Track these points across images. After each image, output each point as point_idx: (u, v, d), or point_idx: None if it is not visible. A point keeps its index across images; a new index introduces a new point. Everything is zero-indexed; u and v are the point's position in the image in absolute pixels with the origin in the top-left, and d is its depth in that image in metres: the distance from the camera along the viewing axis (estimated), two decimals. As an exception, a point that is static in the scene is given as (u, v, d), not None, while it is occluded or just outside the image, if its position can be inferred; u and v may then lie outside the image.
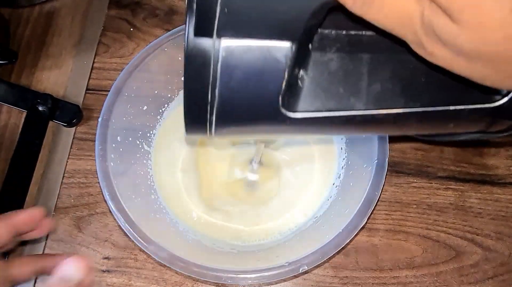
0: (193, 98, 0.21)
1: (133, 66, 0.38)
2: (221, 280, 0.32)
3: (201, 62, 0.20)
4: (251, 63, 0.19)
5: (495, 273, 0.40)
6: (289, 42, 0.19)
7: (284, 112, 0.21)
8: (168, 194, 0.40)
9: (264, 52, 0.19)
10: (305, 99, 0.22)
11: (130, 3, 0.51)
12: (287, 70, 0.20)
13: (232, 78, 0.20)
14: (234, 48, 0.19)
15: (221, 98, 0.20)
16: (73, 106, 0.44)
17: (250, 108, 0.21)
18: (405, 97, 0.23)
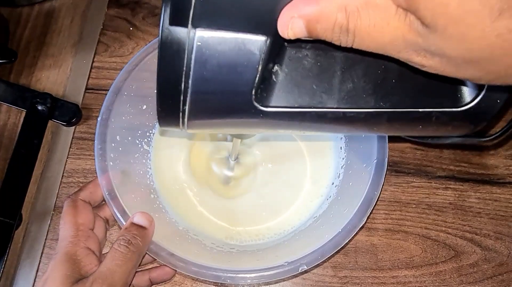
0: (166, 87, 0.21)
1: (133, 65, 0.38)
2: (220, 279, 0.32)
3: (175, 50, 0.19)
4: (225, 54, 0.19)
5: (494, 273, 0.40)
6: (264, 36, 0.19)
7: (257, 105, 0.21)
8: (168, 193, 0.40)
9: (239, 44, 0.19)
10: (279, 94, 0.22)
11: (130, 2, 0.51)
12: (260, 64, 0.20)
13: (206, 69, 0.20)
14: (208, 38, 0.19)
15: (194, 87, 0.20)
16: (73, 105, 0.44)
17: (223, 100, 0.21)
18: (376, 97, 0.23)
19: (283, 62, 0.21)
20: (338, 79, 0.22)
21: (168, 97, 0.21)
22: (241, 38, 0.19)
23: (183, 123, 0.23)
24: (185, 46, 0.19)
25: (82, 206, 0.34)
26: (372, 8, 0.17)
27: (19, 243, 0.40)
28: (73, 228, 0.32)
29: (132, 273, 0.31)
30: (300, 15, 0.18)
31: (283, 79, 0.22)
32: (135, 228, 0.32)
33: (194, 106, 0.21)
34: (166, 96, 0.21)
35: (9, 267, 0.39)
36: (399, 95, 0.23)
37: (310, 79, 0.22)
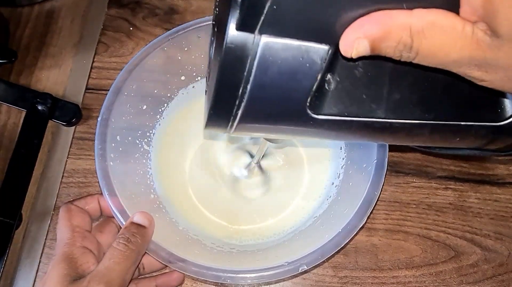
0: (223, 91, 0.21)
1: (133, 65, 0.38)
2: (220, 279, 0.32)
3: (238, 55, 0.19)
4: (287, 62, 0.20)
5: (494, 273, 0.40)
6: (327, 45, 0.20)
7: (309, 113, 0.22)
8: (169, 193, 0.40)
9: (302, 52, 0.19)
10: (330, 102, 0.22)
11: (130, 2, 0.51)
12: (320, 73, 0.20)
13: (266, 75, 0.20)
14: (273, 45, 0.19)
15: (251, 93, 0.20)
16: (73, 105, 0.44)
17: (277, 106, 0.21)
18: (421, 108, 0.23)
19: (336, 71, 0.21)
20: (387, 89, 0.23)
21: (223, 101, 0.21)
22: (304, 46, 0.19)
23: (231, 127, 0.23)
24: (249, 51, 0.19)
25: (76, 210, 0.34)
26: (438, 29, 0.18)
27: (19, 243, 0.40)
28: (68, 230, 0.32)
29: (130, 271, 0.31)
30: (366, 36, 0.18)
31: (334, 87, 0.22)
32: (134, 227, 0.32)
33: (247, 111, 0.21)
34: (222, 100, 0.21)
35: (9, 267, 0.39)
36: (443, 107, 0.23)
37: (360, 88, 0.22)
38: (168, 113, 0.43)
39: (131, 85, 0.38)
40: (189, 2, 0.52)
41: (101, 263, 0.30)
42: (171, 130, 0.43)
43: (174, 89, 0.43)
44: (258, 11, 0.18)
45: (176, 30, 0.39)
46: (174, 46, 0.40)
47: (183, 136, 0.43)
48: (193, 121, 0.44)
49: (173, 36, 0.39)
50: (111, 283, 0.29)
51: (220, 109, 0.22)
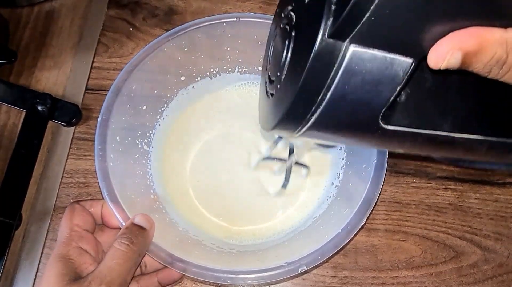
0: (303, 96, 0.21)
1: (133, 66, 0.38)
2: (220, 280, 0.32)
3: (325, 63, 0.19)
4: (371, 72, 0.20)
5: (494, 274, 0.40)
6: (411, 59, 0.20)
7: (381, 123, 0.22)
8: (169, 194, 0.40)
9: (387, 64, 0.20)
10: (400, 114, 0.22)
11: (130, 3, 0.51)
12: (400, 86, 0.20)
13: (349, 84, 0.20)
14: (360, 55, 0.19)
15: (330, 101, 0.20)
16: (73, 106, 0.44)
17: (352, 116, 0.21)
18: (484, 125, 0.24)
19: (409, 83, 0.22)
20: (453, 103, 0.23)
21: (301, 105, 0.21)
22: (390, 58, 0.19)
23: (299, 131, 0.23)
24: (336, 59, 0.19)
25: (79, 210, 0.34)
26: None
27: (18, 244, 0.40)
28: (67, 229, 0.32)
29: (131, 272, 0.31)
30: (461, 48, 0.18)
31: (405, 99, 0.23)
32: (136, 228, 0.32)
33: (321, 118, 0.21)
34: (299, 104, 0.21)
35: (8, 267, 0.39)
36: (505, 124, 0.24)
37: (429, 101, 0.23)
38: (168, 113, 0.43)
39: (131, 85, 0.38)
40: (188, 3, 0.52)
41: (102, 263, 0.30)
42: (171, 130, 0.43)
43: (174, 89, 0.43)
44: (354, 22, 0.18)
45: (176, 31, 0.39)
46: (174, 47, 0.40)
47: (183, 136, 0.43)
48: (193, 121, 0.44)
49: (173, 36, 0.39)
50: (112, 284, 0.29)
51: (295, 113, 0.22)
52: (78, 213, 0.33)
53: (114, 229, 0.35)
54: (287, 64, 0.22)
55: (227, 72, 0.44)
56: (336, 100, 0.20)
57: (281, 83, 0.23)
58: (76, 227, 0.33)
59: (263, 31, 0.40)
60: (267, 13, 0.51)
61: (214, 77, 0.44)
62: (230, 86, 0.45)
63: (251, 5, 0.52)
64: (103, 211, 0.35)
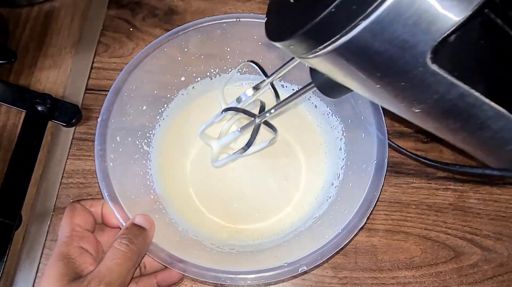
0: (349, 2, 0.17)
1: (133, 66, 0.38)
2: (220, 280, 0.32)
3: None
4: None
5: (494, 274, 0.40)
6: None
7: (427, 58, 0.18)
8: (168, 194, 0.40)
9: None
10: (444, 56, 0.19)
11: (130, 3, 0.51)
12: (470, 13, 0.17)
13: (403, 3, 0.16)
14: None
15: (381, 15, 0.16)
16: (72, 106, 0.44)
17: (401, 43, 0.18)
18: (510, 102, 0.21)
19: (464, 29, 0.18)
20: (496, 70, 0.21)
21: (342, 14, 0.17)
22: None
23: (317, 53, 0.19)
24: None
25: (80, 209, 0.34)
26: None
27: (18, 244, 0.40)
28: (68, 229, 0.32)
29: (131, 273, 0.31)
30: None
31: (455, 41, 0.19)
32: (136, 229, 0.32)
33: (362, 36, 0.17)
34: (340, 12, 0.17)
35: (8, 268, 0.38)
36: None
37: (475, 55, 0.21)
38: (168, 113, 0.43)
39: (131, 85, 0.38)
40: (188, 3, 0.52)
41: (102, 263, 0.30)
42: (171, 130, 0.43)
43: (174, 89, 0.43)
44: None
45: (176, 31, 0.39)
46: (174, 47, 0.40)
47: (183, 136, 0.43)
48: (193, 121, 0.44)
49: (173, 36, 0.39)
50: (111, 284, 0.29)
51: (329, 24, 0.17)
52: (78, 213, 0.33)
53: (114, 229, 0.35)
54: None
55: (227, 72, 0.44)
56: (390, 15, 0.16)
57: None
58: (77, 227, 0.33)
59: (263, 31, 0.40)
60: (267, 13, 0.51)
61: (214, 78, 0.44)
62: (230, 86, 0.45)
63: (251, 5, 0.52)
64: (103, 210, 0.35)
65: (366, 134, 0.37)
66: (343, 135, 0.41)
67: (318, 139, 0.44)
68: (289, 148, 0.43)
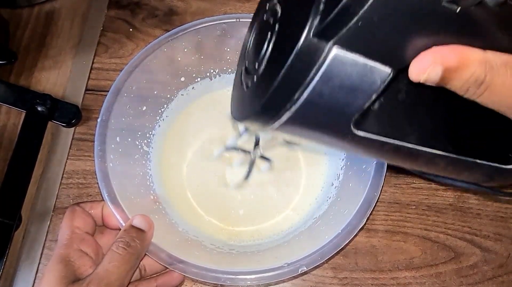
0: (281, 91, 0.20)
1: (133, 66, 0.38)
2: (220, 281, 0.32)
3: (307, 61, 0.19)
4: (350, 77, 0.20)
5: (494, 274, 0.40)
6: (390, 68, 0.20)
7: (352, 128, 0.22)
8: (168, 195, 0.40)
9: (367, 71, 0.20)
10: (371, 121, 0.23)
11: (130, 3, 0.51)
12: (376, 94, 0.20)
13: (327, 85, 0.20)
14: (343, 58, 0.19)
15: (306, 100, 0.20)
16: (72, 106, 0.44)
17: (325, 117, 0.21)
18: (448, 141, 0.25)
19: (384, 93, 0.22)
20: (421, 118, 0.24)
21: (277, 101, 0.21)
22: (370, 66, 0.20)
23: (272, 126, 0.23)
24: (318, 59, 0.19)
25: (80, 212, 0.34)
26: (510, 70, 0.18)
27: (18, 244, 0.40)
28: (68, 231, 0.32)
29: (129, 275, 0.31)
30: (443, 63, 0.18)
31: (377, 107, 0.23)
32: (134, 231, 0.32)
33: (295, 115, 0.21)
34: (275, 99, 0.21)
35: (8, 268, 0.39)
36: (467, 142, 0.25)
37: (399, 113, 0.24)
38: (167, 114, 0.43)
39: (130, 86, 0.38)
40: (188, 3, 0.52)
41: (100, 265, 0.30)
42: (171, 131, 0.43)
43: (173, 90, 0.43)
44: (342, 24, 0.18)
45: (176, 31, 0.39)
46: (173, 47, 0.40)
47: (183, 137, 0.43)
48: (193, 122, 0.44)
49: (173, 37, 0.39)
50: (110, 286, 0.29)
51: (269, 108, 0.21)
52: (78, 215, 0.33)
53: (114, 231, 0.35)
54: (267, 57, 0.22)
55: (227, 73, 0.44)
56: (312, 100, 0.20)
57: (258, 75, 0.23)
58: (76, 230, 0.33)
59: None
60: (267, 13, 0.51)
61: (214, 78, 0.44)
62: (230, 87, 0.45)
63: (251, 5, 0.52)
64: (103, 212, 0.35)
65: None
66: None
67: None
68: (289, 149, 0.43)
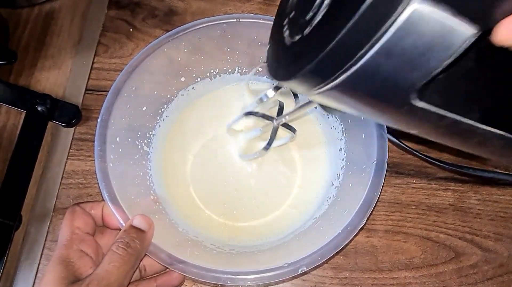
0: (341, 48, 0.17)
1: (133, 66, 0.38)
2: (220, 281, 0.32)
3: (380, 13, 0.16)
4: (425, 37, 0.17)
5: (494, 274, 0.40)
6: (476, 29, 0.17)
7: (411, 98, 0.19)
8: (168, 195, 0.40)
9: (445, 31, 0.17)
10: (432, 91, 0.20)
11: (130, 3, 0.51)
12: (449, 60, 0.18)
13: (397, 45, 0.17)
14: (421, 12, 0.16)
15: (369, 60, 0.17)
16: (72, 106, 0.44)
17: (386, 83, 0.18)
18: (509, 121, 0.22)
19: (458, 59, 0.19)
20: (486, 94, 0.22)
21: (334, 59, 0.18)
22: (452, 24, 0.17)
23: (320, 89, 0.20)
24: (394, 11, 0.16)
25: (80, 212, 0.34)
26: None
27: (18, 245, 0.40)
28: (68, 232, 0.32)
29: (128, 275, 0.31)
30: None
31: (444, 76, 0.20)
32: (134, 231, 0.32)
33: (352, 78, 0.18)
34: (333, 57, 0.18)
35: (8, 268, 0.38)
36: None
37: (464, 85, 0.21)
38: (168, 114, 0.43)
39: (131, 86, 0.38)
40: (188, 3, 0.52)
41: (100, 266, 0.30)
42: (171, 131, 0.43)
43: (174, 90, 0.43)
44: None
45: (176, 32, 0.39)
46: (174, 47, 0.40)
47: (183, 137, 0.43)
48: (193, 122, 0.44)
49: (173, 37, 0.39)
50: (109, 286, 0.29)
51: (324, 67, 0.18)
52: (78, 216, 0.33)
53: (115, 231, 0.35)
54: (326, 5, 0.19)
55: (227, 73, 0.44)
56: (377, 61, 0.17)
57: (312, 28, 0.20)
58: (77, 230, 0.33)
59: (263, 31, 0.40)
60: (267, 14, 0.51)
61: (214, 78, 0.44)
62: (230, 86, 0.46)
63: (251, 6, 0.52)
64: (104, 211, 0.35)
65: (366, 134, 0.37)
66: (343, 135, 0.41)
67: (318, 140, 0.44)
68: (289, 149, 0.43)
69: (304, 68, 0.19)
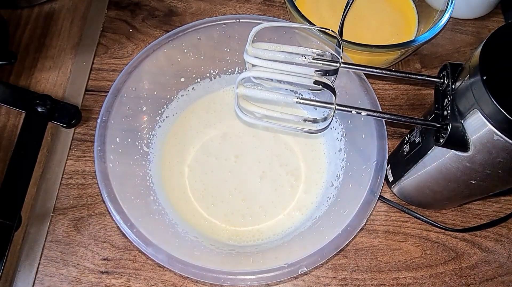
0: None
1: (132, 67, 0.38)
2: (220, 281, 0.32)
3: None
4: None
5: (494, 275, 0.40)
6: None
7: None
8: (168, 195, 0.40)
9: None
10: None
11: (130, 4, 0.52)
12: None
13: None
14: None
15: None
16: (72, 107, 0.44)
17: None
18: None
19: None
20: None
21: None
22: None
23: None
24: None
25: None
26: None
27: (18, 245, 0.40)
28: None
29: None
30: None
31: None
32: None
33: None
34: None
35: (8, 268, 0.38)
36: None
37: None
38: (167, 114, 0.43)
39: (130, 86, 0.38)
40: (188, 4, 0.52)
41: None
42: (170, 131, 0.43)
43: (173, 90, 0.43)
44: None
45: (176, 32, 0.39)
46: (173, 48, 0.40)
47: (183, 137, 0.43)
48: (193, 122, 0.44)
49: (173, 38, 0.39)
50: None
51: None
52: None
53: None
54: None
55: (227, 74, 0.44)
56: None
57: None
58: None
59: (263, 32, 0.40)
60: (267, 14, 0.51)
61: (214, 79, 0.44)
62: (229, 86, 0.46)
63: (250, 6, 0.52)
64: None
65: (366, 135, 0.37)
66: (343, 136, 0.41)
67: (318, 140, 0.44)
68: (289, 149, 0.43)
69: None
